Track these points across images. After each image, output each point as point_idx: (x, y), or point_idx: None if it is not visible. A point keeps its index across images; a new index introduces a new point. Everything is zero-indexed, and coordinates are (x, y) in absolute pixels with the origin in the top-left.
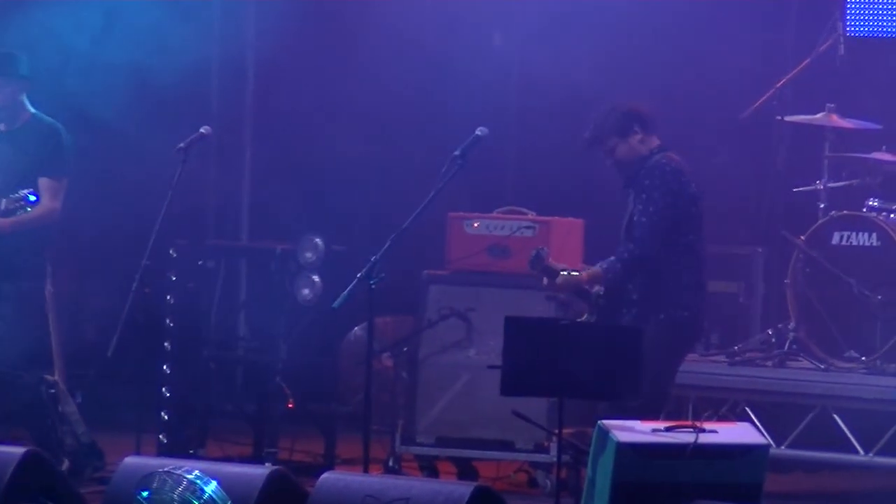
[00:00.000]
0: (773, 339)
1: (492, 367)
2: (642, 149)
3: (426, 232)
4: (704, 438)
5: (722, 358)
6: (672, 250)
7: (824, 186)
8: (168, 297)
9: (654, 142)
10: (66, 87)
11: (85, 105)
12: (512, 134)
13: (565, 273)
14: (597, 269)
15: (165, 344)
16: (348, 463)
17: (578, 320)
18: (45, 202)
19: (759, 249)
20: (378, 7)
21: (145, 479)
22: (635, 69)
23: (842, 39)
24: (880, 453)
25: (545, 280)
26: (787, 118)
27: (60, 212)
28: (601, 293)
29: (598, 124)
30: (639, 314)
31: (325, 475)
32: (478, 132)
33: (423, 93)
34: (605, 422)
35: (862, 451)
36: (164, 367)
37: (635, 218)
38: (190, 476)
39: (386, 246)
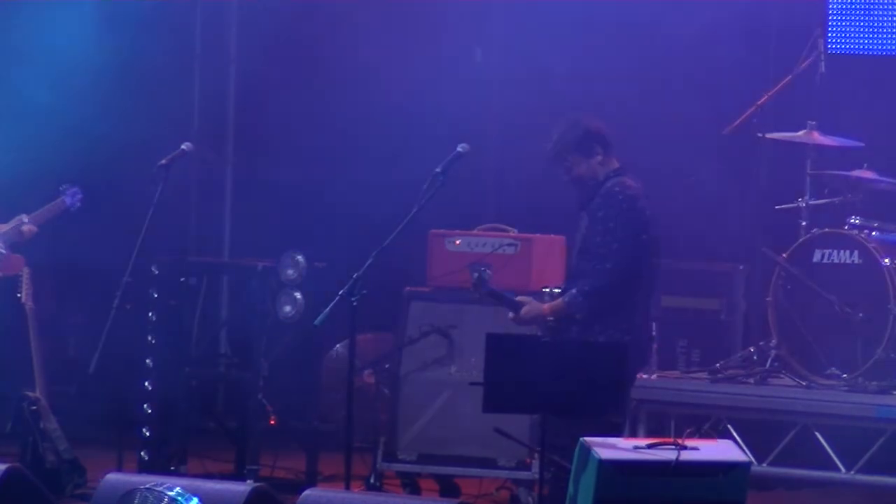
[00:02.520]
0: (755, 357)
1: (473, 383)
2: (601, 171)
3: (408, 249)
4: (686, 456)
5: (704, 375)
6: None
7: (806, 204)
8: (149, 314)
9: (614, 164)
10: (46, 102)
11: (66, 120)
12: (494, 151)
13: (523, 302)
14: (559, 302)
15: (147, 361)
16: (330, 480)
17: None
18: None
19: (741, 266)
20: (360, 24)
21: (127, 496)
22: (617, 87)
23: (823, 57)
24: (862, 471)
25: (511, 315)
26: (769, 135)
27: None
28: None
29: (560, 139)
30: (580, 332)
31: (306, 492)
32: (459, 149)
33: (404, 109)
34: (587, 439)
35: (843, 469)
36: (146, 383)
37: (594, 249)
38: (171, 493)
39: (367, 263)
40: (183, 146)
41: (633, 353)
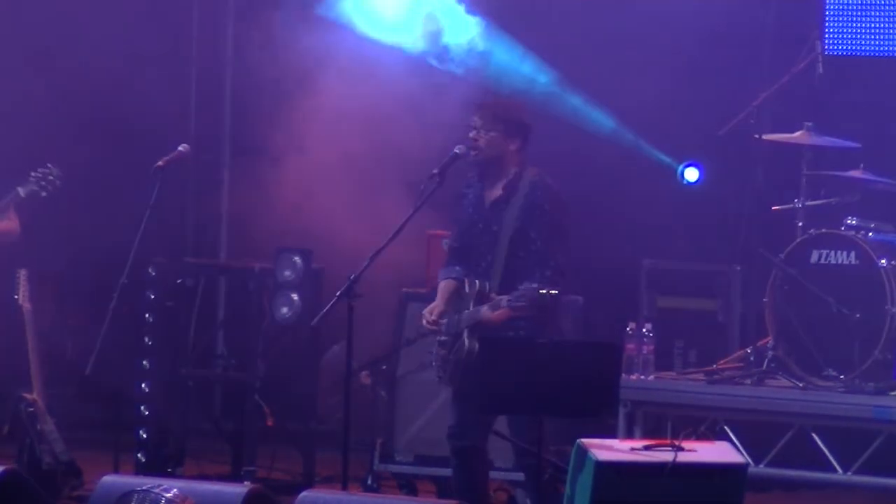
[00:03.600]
0: (752, 358)
1: None
2: (510, 158)
3: (405, 250)
4: (683, 457)
5: (700, 376)
6: None
7: (802, 205)
8: (146, 316)
9: (523, 158)
10: (45, 100)
11: (62, 121)
12: None
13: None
14: (505, 309)
15: (144, 362)
16: (327, 481)
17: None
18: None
19: (738, 267)
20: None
21: (123, 498)
22: (612, 87)
23: (820, 58)
24: (858, 472)
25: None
26: (765, 136)
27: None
28: None
29: (499, 105)
30: (526, 328)
31: (303, 493)
32: (456, 150)
33: (400, 111)
34: (584, 440)
35: (840, 470)
36: (143, 385)
37: (541, 245)
38: (168, 495)
39: (365, 264)
40: (180, 147)
41: None
